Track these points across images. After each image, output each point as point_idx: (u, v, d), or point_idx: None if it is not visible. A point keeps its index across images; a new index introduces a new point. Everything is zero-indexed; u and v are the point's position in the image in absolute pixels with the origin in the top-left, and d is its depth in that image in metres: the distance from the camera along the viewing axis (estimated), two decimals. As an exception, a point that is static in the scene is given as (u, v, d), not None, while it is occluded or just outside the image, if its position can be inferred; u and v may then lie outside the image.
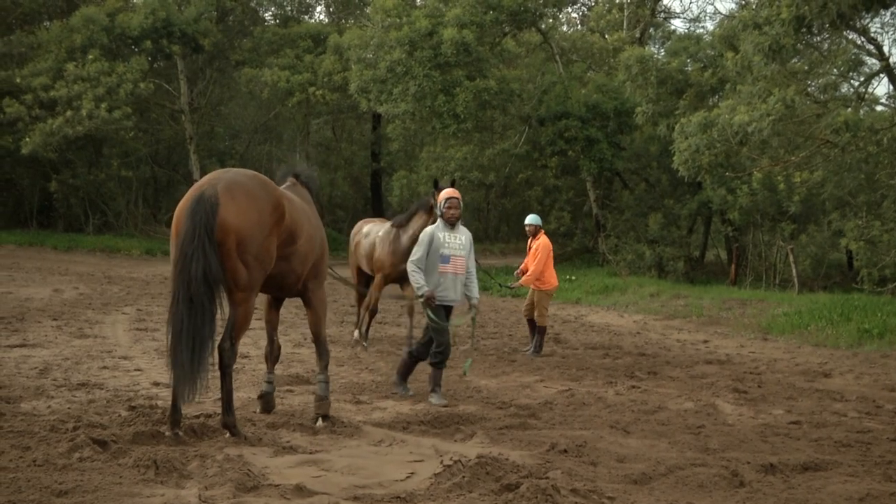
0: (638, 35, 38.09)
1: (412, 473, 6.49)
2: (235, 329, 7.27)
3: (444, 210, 9.96)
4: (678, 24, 56.04)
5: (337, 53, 36.34)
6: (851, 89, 25.47)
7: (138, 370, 10.77)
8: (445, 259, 9.78)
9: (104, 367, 10.81)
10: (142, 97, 35.23)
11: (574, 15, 44.86)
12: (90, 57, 33.39)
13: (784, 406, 10.18)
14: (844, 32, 22.87)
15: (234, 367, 7.52)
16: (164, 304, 18.37)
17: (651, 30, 40.83)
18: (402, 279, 12.83)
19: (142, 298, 19.45)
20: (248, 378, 10.33)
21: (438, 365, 9.79)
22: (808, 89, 24.63)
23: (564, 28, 41.79)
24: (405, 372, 10.17)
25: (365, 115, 42.40)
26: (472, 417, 8.75)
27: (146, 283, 23.55)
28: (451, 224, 9.94)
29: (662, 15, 44.43)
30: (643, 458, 7.26)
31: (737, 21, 22.90)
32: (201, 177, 34.94)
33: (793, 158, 23.70)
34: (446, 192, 10.10)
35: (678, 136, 22.84)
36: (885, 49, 23.91)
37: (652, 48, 37.79)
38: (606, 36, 38.89)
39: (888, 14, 23.29)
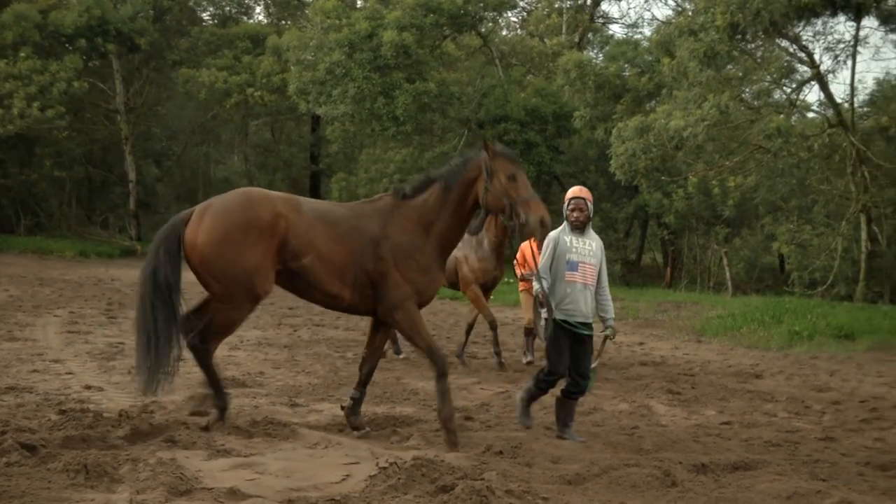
0: (577, 40, 38.42)
1: (347, 476, 6.46)
2: (209, 332, 7.49)
3: (567, 212, 8.58)
4: (616, 30, 56.61)
5: (276, 54, 36.15)
6: (784, 96, 25.94)
7: (70, 373, 10.58)
8: (573, 266, 8.36)
9: (34, 371, 10.59)
10: (76, 96, 34.72)
11: (514, 19, 45.11)
12: (22, 55, 32.85)
13: (716, 407, 10.34)
14: (777, 40, 23.31)
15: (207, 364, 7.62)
16: (97, 306, 18.14)
17: (590, 35, 41.17)
18: (488, 288, 13.24)
19: (74, 301, 19.13)
20: (183, 381, 10.21)
21: (570, 395, 8.42)
22: (743, 95, 25.07)
23: (504, 32, 41.95)
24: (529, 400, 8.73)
25: (304, 117, 42.23)
26: (409, 420, 8.75)
27: (79, 286, 23.18)
28: (577, 228, 8.51)
29: (601, 20, 44.85)
30: (577, 458, 7.32)
31: (673, 27, 23.26)
32: (136, 177, 34.32)
33: (727, 163, 24.10)
34: (571, 192, 8.75)
35: (615, 141, 23.10)
36: (816, 57, 24.40)
37: (590, 53, 38.11)
38: (546, 40, 39.14)
39: (819, 23, 23.76)
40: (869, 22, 24.64)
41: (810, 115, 27.19)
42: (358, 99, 28.87)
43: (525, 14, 44.87)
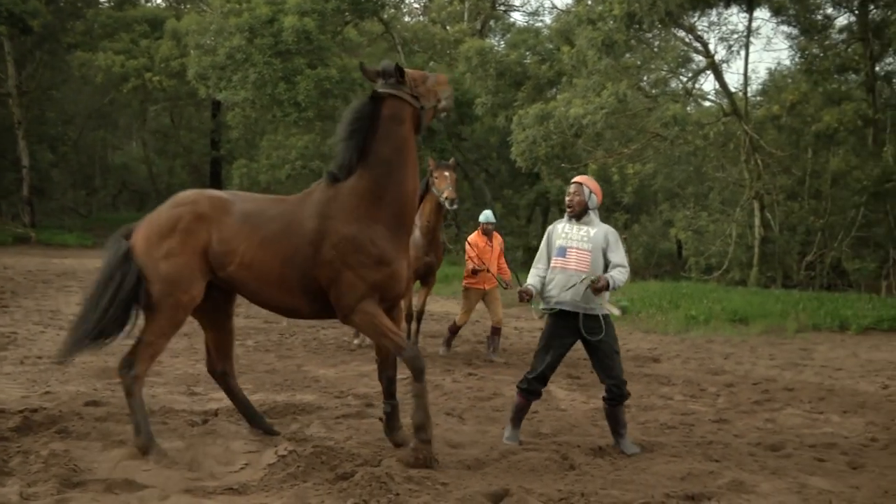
0: (479, 27, 38.55)
1: (246, 464, 6.42)
2: (138, 350, 6.67)
3: (566, 198, 8.02)
4: (518, 18, 56.99)
5: (174, 39, 35.49)
6: (680, 85, 26.45)
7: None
8: (561, 251, 7.66)
9: (-79, 363, 10.27)
10: (-36, 80, 33.56)
11: (416, 5, 45.06)
12: None
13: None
14: (673, 30, 23.74)
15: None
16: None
17: (492, 22, 41.36)
18: (422, 275, 12.84)
19: (-35, 290, 18.53)
20: (77, 371, 9.97)
21: (608, 402, 7.65)
22: (641, 84, 25.47)
23: (406, 19, 41.89)
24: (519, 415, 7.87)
25: (204, 103, 41.55)
26: (309, 407, 8.70)
27: (-30, 275, 22.45)
28: (573, 216, 7.83)
29: (503, 7, 45.07)
30: (477, 443, 7.39)
31: (572, 16, 23.49)
32: (30, 163, 33.03)
33: (625, 150, 24.48)
34: (574, 179, 8.12)
35: (516, 128, 23.27)
36: (711, 47, 24.97)
37: (492, 40, 38.30)
38: (448, 27, 39.20)
39: (714, 13, 24.29)
40: (761, 13, 25.32)
41: (706, 103, 27.83)
42: (259, 84, 28.53)
43: (427, 1, 44.87)
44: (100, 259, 7.00)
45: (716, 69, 24.62)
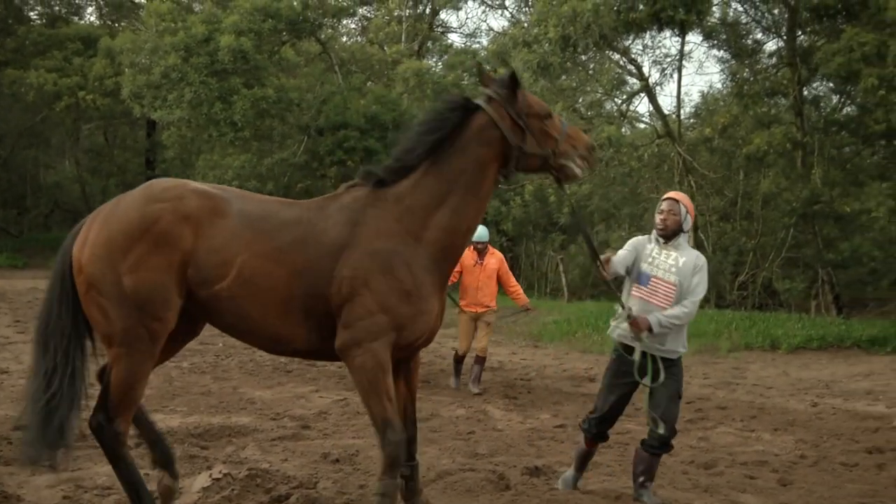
0: (416, 48, 38.67)
1: (181, 488, 6.35)
2: (110, 398, 5.28)
3: (656, 214, 6.88)
4: (456, 39, 57.30)
5: (108, 57, 35.02)
6: (615, 107, 26.80)
7: None
8: (643, 279, 6.61)
9: None
10: None
11: (353, 26, 45.08)
12: None
13: (551, 411, 10.59)
14: (608, 53, 24.06)
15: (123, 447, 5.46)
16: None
17: (429, 43, 41.53)
18: None
19: None
20: (6, 394, 9.79)
21: (648, 448, 6.70)
22: (576, 106, 25.75)
23: (344, 39, 41.88)
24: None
25: (139, 122, 41.10)
26: (245, 429, 8.64)
27: None
28: (662, 236, 6.70)
29: (440, 29, 45.30)
30: (414, 464, 7.38)
31: (508, 38, 23.68)
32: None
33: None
34: (667, 194, 6.99)
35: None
36: (645, 70, 25.38)
37: (430, 61, 38.46)
38: (385, 48, 39.28)
39: (647, 37, 24.68)
40: (694, 38, 25.80)
41: (640, 125, 28.21)
42: (195, 104, 28.27)
43: (365, 22, 44.92)
44: (34, 280, 6.33)
45: (649, 92, 25.00)
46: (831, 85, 24.27)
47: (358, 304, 5.24)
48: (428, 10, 42.42)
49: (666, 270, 6.55)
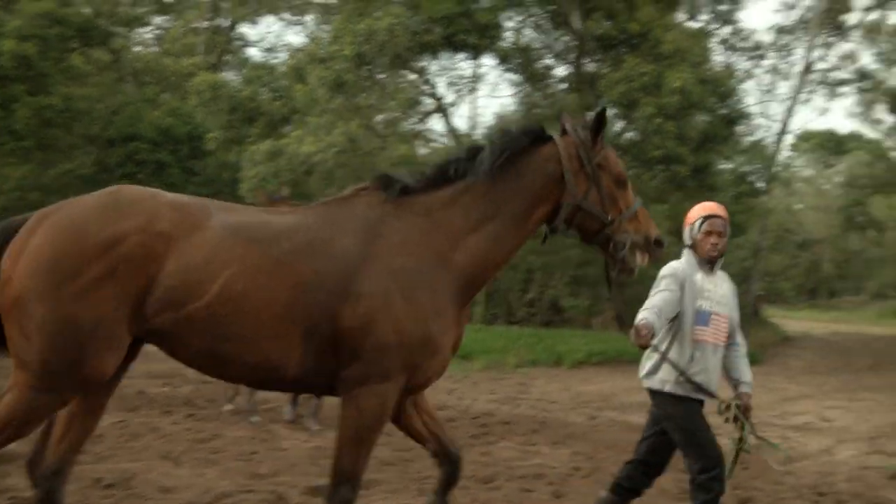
0: (214, 61, 38.02)
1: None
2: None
3: (699, 236, 5.85)
4: (255, 53, 56.58)
5: None
6: (411, 126, 27.17)
7: None
8: (704, 318, 5.69)
9: None
10: None
11: (148, 36, 43.87)
12: None
13: (336, 429, 10.52)
14: (404, 72, 24.37)
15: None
16: None
17: (228, 56, 40.91)
18: None
19: None
20: None
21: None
22: (373, 124, 25.93)
23: (139, 49, 40.70)
24: None
25: None
26: (12, 456, 8.21)
27: None
28: (711, 262, 5.84)
29: (239, 42, 44.70)
30: (191, 487, 7.22)
31: (304, 55, 23.64)
32: None
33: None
34: (706, 208, 5.98)
35: (247, 164, 23.11)
36: (441, 90, 25.86)
37: (228, 75, 37.87)
38: (182, 60, 38.43)
39: (443, 59, 25.13)
40: (488, 61, 26.48)
41: (436, 145, 28.67)
42: (-28, 111, 26.88)
43: (161, 32, 43.81)
44: None
45: (444, 112, 25.48)
46: (615, 111, 25.38)
47: (374, 332, 4.48)
48: (227, 23, 41.84)
49: (718, 303, 5.77)
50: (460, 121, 50.87)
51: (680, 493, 7.51)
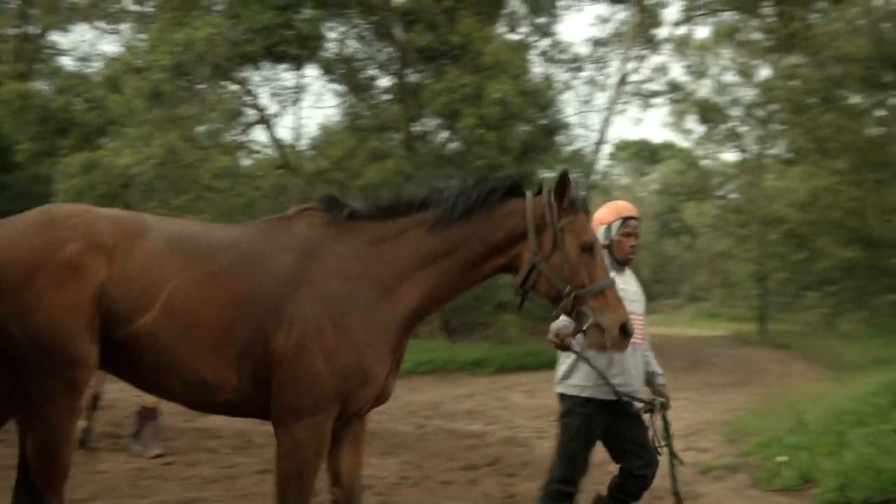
0: (24, 69, 36.42)
1: None
2: (36, 475, 4.43)
3: (616, 237, 5.79)
4: (68, 62, 54.54)
5: None
6: (233, 137, 26.77)
7: None
8: None
9: None
10: None
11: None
12: None
13: (159, 447, 10.25)
14: (226, 83, 23.99)
15: None
16: None
17: (40, 65, 39.27)
18: None
19: None
20: None
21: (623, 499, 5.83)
22: (194, 135, 25.41)
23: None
24: None
25: None
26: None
27: None
28: (626, 263, 5.84)
29: (51, 51, 42.96)
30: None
31: (120, 64, 22.97)
32: None
33: (177, 202, 24.22)
34: (625, 208, 5.90)
35: (61, 177, 22.27)
36: (264, 101, 25.60)
37: (38, 84, 36.35)
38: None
39: (266, 69, 24.87)
40: (311, 71, 26.35)
41: (260, 156, 28.34)
42: None
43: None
44: None
45: (267, 123, 25.21)
46: (438, 122, 25.65)
47: (304, 361, 4.34)
48: (37, 31, 40.17)
49: (633, 301, 5.67)
50: (284, 132, 50.45)
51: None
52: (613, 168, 62.29)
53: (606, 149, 44.53)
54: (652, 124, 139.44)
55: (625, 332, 4.47)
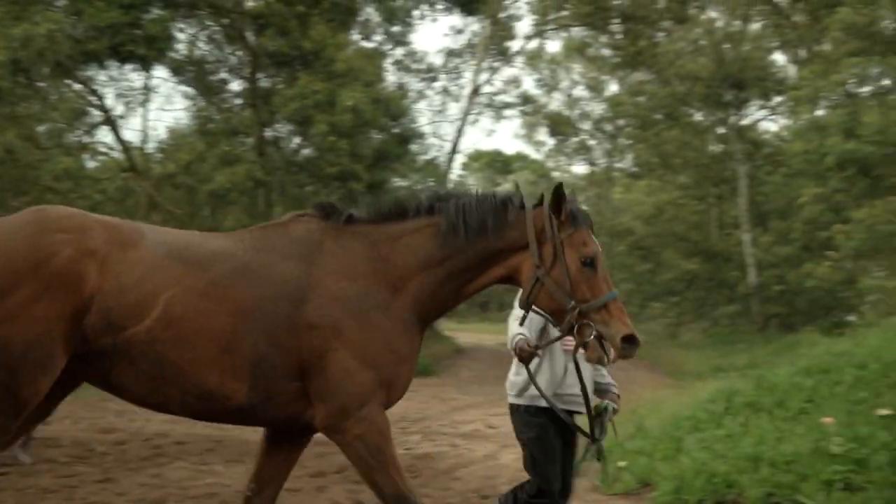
0: None
1: None
2: None
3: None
4: None
5: None
6: (76, 138, 25.99)
7: None
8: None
9: None
10: None
11: None
12: None
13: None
14: (68, 82, 23.27)
15: None
16: None
17: None
18: None
19: None
20: None
21: None
22: (34, 135, 24.52)
23: None
24: None
25: None
26: None
27: None
28: None
29: None
30: None
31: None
32: None
33: (15, 204, 23.37)
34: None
35: None
36: (110, 102, 24.92)
37: None
38: None
39: (113, 69, 24.23)
40: (161, 72, 25.81)
41: (105, 158, 27.56)
42: None
43: None
44: None
45: (113, 124, 24.55)
46: (291, 127, 25.47)
47: (333, 363, 4.30)
48: None
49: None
50: (131, 133, 49.24)
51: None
52: (467, 178, 62.99)
53: (460, 158, 45.02)
54: (505, 135, 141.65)
55: (631, 342, 4.49)
